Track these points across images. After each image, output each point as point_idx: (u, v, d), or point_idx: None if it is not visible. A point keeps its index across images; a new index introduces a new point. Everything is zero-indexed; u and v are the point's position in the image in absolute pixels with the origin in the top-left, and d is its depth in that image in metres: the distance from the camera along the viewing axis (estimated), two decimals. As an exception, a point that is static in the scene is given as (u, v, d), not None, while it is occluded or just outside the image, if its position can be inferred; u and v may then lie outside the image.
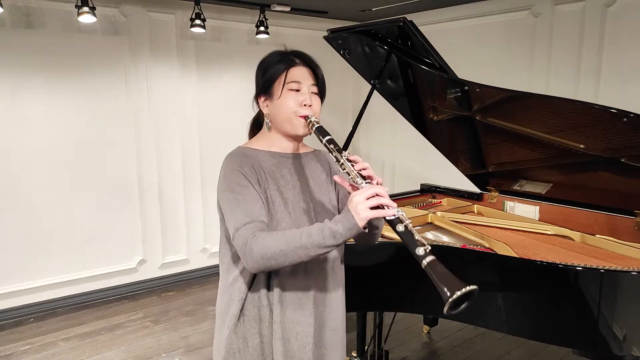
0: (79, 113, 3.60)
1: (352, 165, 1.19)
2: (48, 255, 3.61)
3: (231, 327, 1.34)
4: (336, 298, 1.41)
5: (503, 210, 2.68)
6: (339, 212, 1.39)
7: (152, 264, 4.08)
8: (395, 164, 4.98)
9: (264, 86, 1.35)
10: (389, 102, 2.86)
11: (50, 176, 3.54)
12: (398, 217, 1.10)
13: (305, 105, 1.30)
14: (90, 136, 3.66)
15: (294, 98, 1.30)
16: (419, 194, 3.07)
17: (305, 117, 1.30)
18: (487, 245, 2.07)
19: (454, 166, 2.82)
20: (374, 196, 1.11)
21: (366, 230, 1.16)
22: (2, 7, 2.98)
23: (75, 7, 3.19)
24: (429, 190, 3.08)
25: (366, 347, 2.54)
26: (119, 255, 3.92)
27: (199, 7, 3.66)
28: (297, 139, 1.37)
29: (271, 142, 1.38)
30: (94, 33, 3.58)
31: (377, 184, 1.19)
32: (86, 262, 3.77)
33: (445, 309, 0.96)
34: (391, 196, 3.20)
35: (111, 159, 3.78)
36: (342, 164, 1.21)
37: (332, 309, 1.40)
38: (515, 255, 1.88)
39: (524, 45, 3.72)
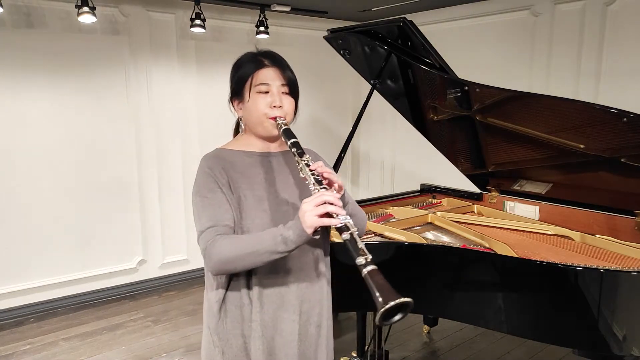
0: (79, 113, 3.60)
1: (310, 171, 1.20)
2: (48, 255, 3.61)
3: (212, 327, 1.35)
4: (320, 294, 1.40)
5: (503, 210, 2.68)
6: None
7: (152, 263, 4.08)
8: (395, 164, 4.98)
9: (235, 90, 1.36)
10: (389, 102, 2.86)
11: (50, 176, 3.54)
12: (345, 225, 1.11)
13: (274, 106, 1.31)
14: (90, 136, 3.67)
15: (264, 100, 1.31)
16: (419, 194, 3.07)
17: (275, 119, 1.31)
18: (487, 245, 2.07)
19: (454, 166, 2.82)
20: (323, 204, 1.11)
21: (317, 237, 1.16)
22: (2, 7, 2.98)
23: (75, 7, 3.19)
24: (429, 190, 3.08)
25: (366, 347, 2.54)
26: (119, 255, 3.92)
27: (199, 7, 3.66)
28: (272, 139, 1.39)
29: (248, 142, 1.40)
30: (94, 33, 3.58)
31: (338, 188, 1.21)
32: (86, 262, 3.77)
33: (378, 317, 0.97)
34: (391, 196, 3.20)
35: (111, 159, 3.78)
36: (301, 168, 1.22)
37: (316, 304, 1.38)
38: (515, 255, 1.88)
39: (524, 45, 3.72)
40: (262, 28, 3.97)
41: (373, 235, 2.27)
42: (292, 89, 1.35)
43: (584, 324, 1.68)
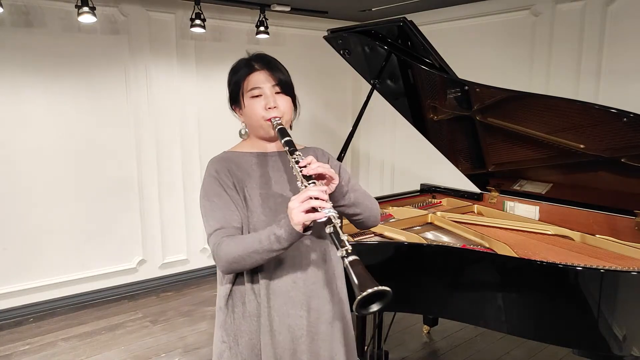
0: (78, 113, 3.60)
1: (299, 167, 1.23)
2: (48, 255, 3.60)
3: (221, 324, 1.37)
4: (331, 290, 1.40)
5: (503, 210, 2.68)
6: None
7: (152, 264, 4.08)
8: (395, 164, 4.98)
9: (232, 98, 1.41)
10: (389, 102, 2.86)
11: (50, 176, 3.54)
12: (329, 218, 1.13)
13: (269, 108, 1.33)
14: (90, 136, 3.66)
15: (259, 104, 1.34)
16: (419, 194, 3.07)
17: (270, 120, 1.34)
18: (487, 245, 2.07)
19: (454, 166, 2.82)
20: (308, 199, 1.14)
21: (308, 233, 1.19)
22: (2, 6, 2.98)
23: (75, 7, 3.18)
24: (429, 190, 3.08)
25: (366, 347, 2.54)
26: (119, 255, 3.91)
27: (199, 7, 3.66)
28: (274, 139, 1.41)
29: (254, 144, 1.44)
30: (94, 33, 3.57)
31: (329, 179, 1.24)
32: (86, 262, 3.77)
33: (354, 305, 0.99)
34: (391, 196, 3.20)
35: (111, 159, 3.78)
36: (292, 166, 1.25)
37: (329, 300, 1.39)
38: (515, 255, 1.88)
39: (524, 45, 3.72)
40: (262, 28, 3.97)
41: (373, 235, 2.27)
42: (285, 88, 1.37)
43: (584, 324, 1.68)
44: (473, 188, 2.88)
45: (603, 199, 2.27)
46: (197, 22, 3.65)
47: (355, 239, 2.15)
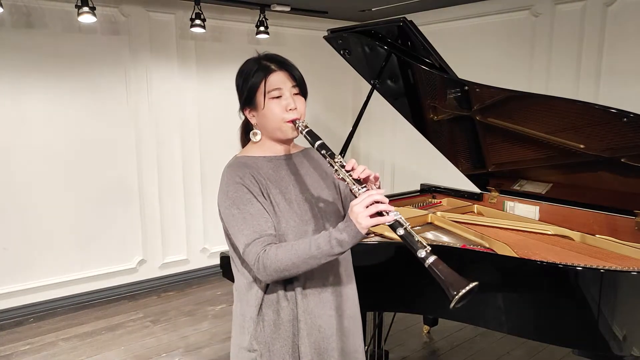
0: (78, 113, 3.60)
1: (346, 172, 1.21)
2: (48, 255, 3.61)
3: (251, 332, 1.35)
4: (351, 286, 1.46)
5: (503, 210, 2.68)
6: (342, 203, 1.45)
7: (152, 264, 4.08)
8: (395, 164, 4.98)
9: (247, 98, 1.36)
10: (389, 102, 2.86)
11: (50, 176, 3.54)
12: (397, 221, 1.15)
13: (290, 109, 1.32)
14: (90, 136, 3.66)
15: (278, 104, 1.32)
16: (419, 194, 3.07)
17: (293, 122, 1.33)
18: (487, 245, 2.07)
19: (454, 166, 2.82)
20: (373, 204, 1.15)
21: (370, 236, 1.21)
22: (2, 7, 2.98)
23: (75, 7, 3.19)
24: (429, 190, 3.08)
25: (366, 347, 2.54)
26: (119, 255, 3.92)
27: (199, 7, 3.66)
28: (289, 141, 1.41)
29: (264, 148, 1.41)
30: (94, 33, 3.58)
31: (374, 179, 1.24)
32: (86, 262, 3.77)
33: (452, 305, 1.03)
34: (391, 196, 3.20)
35: (111, 159, 3.78)
36: (336, 170, 1.23)
37: (349, 296, 1.43)
38: (515, 255, 1.88)
39: (524, 45, 3.72)
40: (262, 28, 3.97)
41: (373, 235, 2.27)
42: (302, 89, 1.37)
43: (584, 324, 1.68)
44: (473, 188, 2.88)
45: (603, 199, 2.27)
46: (197, 22, 3.66)
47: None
